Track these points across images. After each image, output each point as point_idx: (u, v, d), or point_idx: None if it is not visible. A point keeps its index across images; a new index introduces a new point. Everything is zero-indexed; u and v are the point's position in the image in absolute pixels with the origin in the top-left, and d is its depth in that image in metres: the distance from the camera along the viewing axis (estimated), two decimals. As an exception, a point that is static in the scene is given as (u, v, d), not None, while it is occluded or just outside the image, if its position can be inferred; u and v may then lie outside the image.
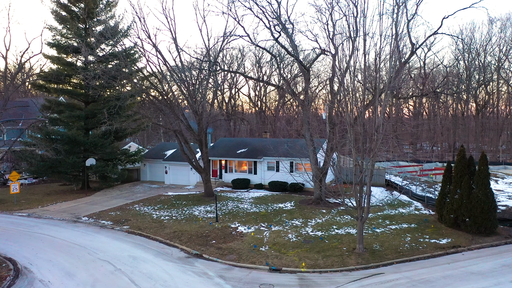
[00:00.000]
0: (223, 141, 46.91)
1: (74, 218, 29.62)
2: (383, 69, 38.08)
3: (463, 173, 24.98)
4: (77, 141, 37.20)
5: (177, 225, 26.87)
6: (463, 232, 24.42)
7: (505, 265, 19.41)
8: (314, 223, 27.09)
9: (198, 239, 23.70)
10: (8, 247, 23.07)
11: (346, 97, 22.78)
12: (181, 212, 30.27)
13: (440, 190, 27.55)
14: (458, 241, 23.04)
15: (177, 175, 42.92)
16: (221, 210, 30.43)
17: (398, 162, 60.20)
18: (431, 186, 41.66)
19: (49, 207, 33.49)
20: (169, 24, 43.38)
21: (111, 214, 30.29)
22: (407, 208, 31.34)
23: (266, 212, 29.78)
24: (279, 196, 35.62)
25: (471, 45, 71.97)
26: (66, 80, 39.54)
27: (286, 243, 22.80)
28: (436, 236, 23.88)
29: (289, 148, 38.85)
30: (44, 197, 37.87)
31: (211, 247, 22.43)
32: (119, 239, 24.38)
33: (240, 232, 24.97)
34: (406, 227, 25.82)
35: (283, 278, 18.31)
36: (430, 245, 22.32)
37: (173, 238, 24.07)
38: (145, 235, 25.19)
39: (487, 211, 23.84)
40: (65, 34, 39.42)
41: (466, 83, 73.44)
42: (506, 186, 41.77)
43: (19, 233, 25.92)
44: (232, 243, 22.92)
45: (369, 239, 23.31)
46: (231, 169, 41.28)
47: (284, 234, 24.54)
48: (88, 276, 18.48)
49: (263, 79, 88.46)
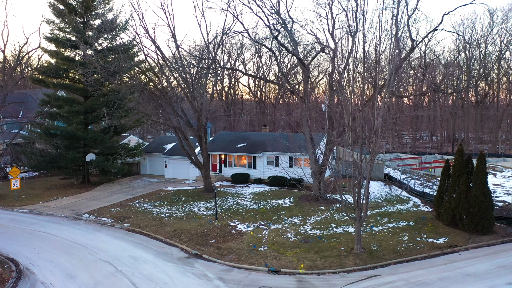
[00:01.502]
0: (222, 135, 46.96)
1: (75, 215, 29.85)
2: (383, 60, 37.80)
3: (461, 172, 25.10)
4: (77, 136, 37.28)
5: (177, 223, 27.10)
6: (461, 231, 24.66)
7: (501, 266, 19.66)
8: (313, 221, 27.32)
9: (197, 238, 23.94)
10: (10, 246, 23.33)
11: (345, 95, 22.68)
12: (181, 209, 30.48)
13: (438, 188, 27.75)
14: (455, 240, 23.29)
15: (177, 169, 43.08)
16: (221, 207, 30.65)
17: (397, 154, 60.42)
18: (430, 180, 41.89)
19: (50, 203, 33.70)
20: (168, 19, 42.99)
21: (112, 211, 30.52)
22: (405, 205, 31.56)
23: (266, 209, 30.00)
24: (279, 191, 35.82)
25: (472, 35, 71.52)
26: (64, 74, 39.46)
27: (285, 242, 23.04)
28: (433, 235, 24.12)
29: (288, 143, 39.02)
30: (45, 192, 38.10)
31: (210, 246, 22.67)
32: (120, 238, 24.62)
33: (239, 231, 25.20)
34: (404, 225, 26.06)
35: (281, 280, 18.56)
36: (428, 245, 22.56)
37: (173, 237, 24.31)
38: (146, 233, 25.43)
39: (485, 210, 24.03)
40: (63, 28, 39.15)
41: (466, 72, 73.15)
42: (504, 180, 41.98)
43: (21, 231, 26.15)
44: (232, 243, 23.16)
45: (367, 238, 23.55)
46: (230, 164, 41.42)
47: (283, 232, 24.78)
48: (89, 278, 18.74)
49: (262, 68, 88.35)
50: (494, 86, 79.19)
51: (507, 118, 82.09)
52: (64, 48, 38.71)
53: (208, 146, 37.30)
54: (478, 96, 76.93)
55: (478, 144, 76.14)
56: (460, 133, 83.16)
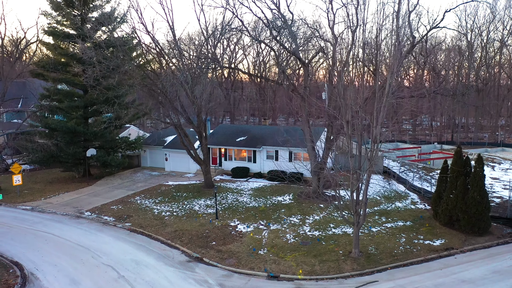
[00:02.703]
0: (222, 128, 47.05)
1: (77, 213, 30.23)
2: (383, 48, 37.51)
3: (459, 174, 25.33)
4: (77, 131, 37.42)
5: (178, 222, 27.49)
6: (457, 232, 25.06)
7: (496, 272, 20.08)
8: (312, 220, 27.71)
9: (198, 240, 24.34)
10: (14, 248, 23.76)
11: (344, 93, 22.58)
12: (181, 207, 30.85)
13: (436, 187, 28.04)
14: (452, 242, 23.69)
15: (177, 162, 43.33)
16: (221, 205, 31.02)
17: (397, 144, 60.65)
18: (429, 173, 42.20)
19: (52, 199, 34.06)
20: (167, 16, 42.47)
21: (113, 208, 30.90)
22: (404, 202, 31.93)
23: (265, 207, 30.36)
24: (278, 187, 36.13)
25: (474, 22, 70.81)
26: (64, 69, 39.26)
27: (284, 245, 23.44)
28: (430, 236, 24.52)
29: (288, 137, 39.18)
30: (47, 186, 38.44)
31: (211, 249, 23.08)
32: (122, 239, 25.03)
33: (239, 232, 25.60)
34: (401, 226, 26.45)
35: (280, 286, 19.01)
36: (424, 247, 22.97)
37: (174, 238, 24.72)
38: (147, 234, 25.84)
39: (481, 212, 24.39)
40: (61, 21, 38.78)
41: (468, 59, 72.65)
42: (503, 174, 42.23)
43: (24, 231, 26.56)
44: (232, 245, 23.57)
45: (365, 239, 23.95)
46: (230, 157, 41.65)
47: (282, 234, 25.18)
48: (92, 284, 19.17)
49: (262, 54, 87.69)
50: (495, 73, 78.81)
51: (507, 102, 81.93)
52: (62, 41, 38.44)
53: (208, 140, 37.48)
54: (479, 81, 76.52)
55: (478, 130, 76.27)
56: (460, 118, 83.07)
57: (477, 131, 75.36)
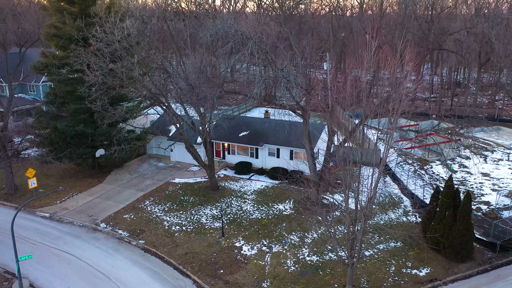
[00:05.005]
0: (226, 120, 47.91)
1: (93, 224, 32.63)
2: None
3: (448, 205, 27.30)
4: (85, 133, 38.77)
5: (188, 242, 29.93)
6: (442, 257, 27.64)
7: (471, 312, 22.86)
8: (311, 239, 30.16)
9: (207, 267, 26.93)
10: (42, 275, 26.47)
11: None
12: (190, 218, 33.16)
13: (428, 204, 30.10)
14: (436, 271, 26.33)
15: (183, 154, 44.73)
16: (226, 215, 33.30)
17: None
18: (423, 166, 44.14)
19: (67, 203, 36.25)
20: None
21: (126, 218, 33.25)
22: (397, 211, 34.21)
23: (267, 220, 32.67)
24: (279, 190, 38.03)
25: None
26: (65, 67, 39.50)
27: (285, 275, 26.06)
28: (417, 263, 27.11)
29: (289, 135, 40.68)
30: (59, 181, 40.50)
31: (219, 279, 25.74)
32: (138, 263, 27.61)
33: (244, 256, 28.14)
34: (392, 248, 28.91)
35: (282, 329, 21.84)
36: (411, 279, 25.65)
37: (186, 264, 27.34)
38: (160, 255, 28.44)
39: (465, 242, 26.79)
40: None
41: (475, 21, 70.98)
42: (494, 167, 44.00)
43: (48, 251, 29.07)
44: (238, 274, 26.20)
45: (358, 267, 26.45)
46: (233, 152, 43.32)
47: (283, 258, 27.73)
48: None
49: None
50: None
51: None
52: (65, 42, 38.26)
53: (211, 133, 38.79)
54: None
55: (478, 90, 75.84)
56: (462, 70, 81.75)
57: (477, 91, 74.72)
